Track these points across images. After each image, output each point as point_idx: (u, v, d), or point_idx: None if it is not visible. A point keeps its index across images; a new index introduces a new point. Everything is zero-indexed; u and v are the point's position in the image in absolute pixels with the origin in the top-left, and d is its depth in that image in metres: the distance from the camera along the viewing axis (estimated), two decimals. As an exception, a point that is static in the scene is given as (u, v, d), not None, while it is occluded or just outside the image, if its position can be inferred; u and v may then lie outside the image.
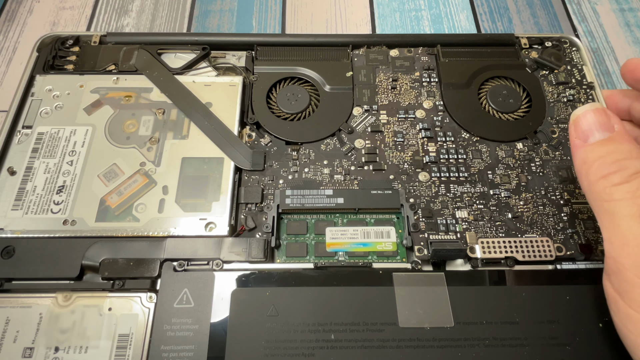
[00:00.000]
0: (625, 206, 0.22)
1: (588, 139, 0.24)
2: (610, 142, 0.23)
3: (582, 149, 0.24)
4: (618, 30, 0.45)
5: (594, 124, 0.24)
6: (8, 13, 0.46)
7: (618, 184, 0.22)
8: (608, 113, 0.24)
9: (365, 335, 0.26)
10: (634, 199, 0.22)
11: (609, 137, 0.24)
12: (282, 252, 0.30)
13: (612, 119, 0.24)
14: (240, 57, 0.38)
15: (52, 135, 0.33)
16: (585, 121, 0.25)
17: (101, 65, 0.37)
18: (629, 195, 0.22)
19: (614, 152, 0.23)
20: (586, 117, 0.25)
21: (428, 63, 0.38)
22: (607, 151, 0.23)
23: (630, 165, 0.22)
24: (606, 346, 0.26)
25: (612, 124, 0.24)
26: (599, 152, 0.23)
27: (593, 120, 0.24)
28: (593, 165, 0.23)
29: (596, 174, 0.23)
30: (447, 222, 0.30)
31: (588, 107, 0.25)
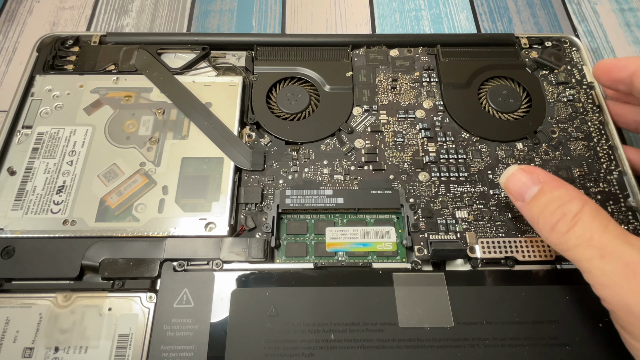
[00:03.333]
0: (583, 251, 0.22)
1: (524, 198, 0.25)
2: (542, 195, 0.24)
3: (525, 209, 0.25)
4: (618, 30, 0.45)
5: (523, 183, 0.25)
6: (8, 13, 0.46)
7: (567, 232, 0.23)
8: (530, 168, 0.25)
9: (365, 335, 0.26)
10: (586, 241, 0.22)
11: (538, 189, 0.24)
12: (282, 252, 0.30)
13: (536, 171, 0.25)
14: (240, 57, 0.38)
15: (52, 135, 0.33)
16: (514, 184, 0.26)
17: (101, 65, 0.37)
18: (581, 239, 0.22)
19: (550, 202, 0.24)
20: (513, 180, 0.26)
21: (428, 63, 0.38)
22: (543, 204, 0.24)
23: (567, 210, 0.23)
24: (606, 346, 0.26)
25: (537, 177, 0.25)
26: (537, 207, 0.24)
27: (521, 179, 0.25)
28: (539, 220, 0.24)
29: (545, 228, 0.24)
30: (447, 222, 0.30)
31: (511, 169, 0.26)
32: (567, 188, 0.24)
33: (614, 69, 0.30)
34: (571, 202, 0.23)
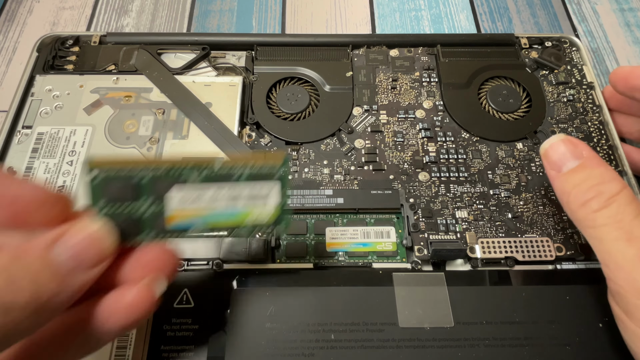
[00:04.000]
0: (610, 231, 0.22)
1: (561, 169, 0.25)
2: (581, 169, 0.24)
3: (558, 180, 0.25)
4: (618, 30, 0.45)
5: (563, 154, 0.25)
6: (8, 13, 0.46)
7: (597, 210, 0.23)
8: (575, 141, 0.25)
9: (365, 335, 0.26)
10: (616, 222, 0.22)
11: (579, 164, 0.24)
12: (282, 252, 0.30)
13: (580, 146, 0.25)
14: (240, 57, 0.38)
15: (52, 135, 0.33)
16: (555, 152, 0.25)
17: (101, 65, 0.37)
18: (610, 220, 0.22)
19: (588, 179, 0.23)
20: (555, 149, 0.25)
21: (428, 63, 0.38)
22: (580, 179, 0.24)
23: (605, 190, 0.23)
24: (606, 346, 0.26)
25: (581, 151, 0.24)
26: (573, 181, 0.24)
27: (562, 150, 0.25)
28: (571, 194, 0.24)
29: (575, 202, 0.23)
30: (447, 222, 0.30)
31: (555, 139, 0.26)
32: (609, 168, 0.24)
33: (631, 76, 0.30)
34: (611, 182, 0.23)
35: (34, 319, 0.15)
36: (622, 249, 0.22)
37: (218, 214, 0.19)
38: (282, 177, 0.20)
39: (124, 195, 0.18)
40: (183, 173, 0.18)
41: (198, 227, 0.19)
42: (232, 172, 0.19)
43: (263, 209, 0.19)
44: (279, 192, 0.20)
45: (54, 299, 0.15)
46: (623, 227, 0.22)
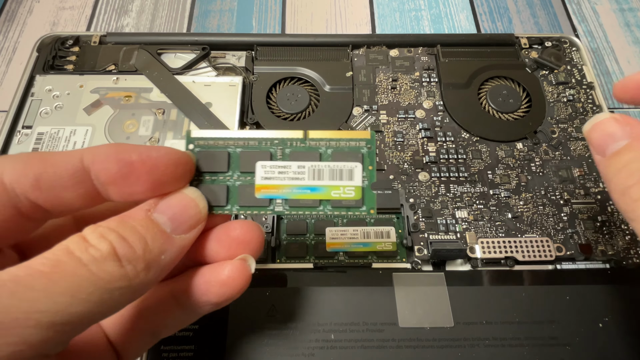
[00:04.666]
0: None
1: (605, 153, 0.21)
2: (627, 151, 0.20)
3: (602, 165, 0.21)
4: (618, 30, 0.45)
5: (608, 134, 0.21)
6: (8, 13, 0.46)
7: (637, 200, 0.19)
8: (620, 119, 0.21)
9: (365, 335, 0.26)
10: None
11: (625, 144, 0.20)
12: (282, 252, 0.30)
13: (631, 123, 0.21)
14: (240, 57, 0.38)
15: (52, 135, 0.33)
16: (598, 133, 0.22)
17: (101, 65, 0.37)
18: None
19: (632, 162, 0.20)
20: (598, 128, 0.22)
21: (428, 63, 0.38)
22: (623, 162, 0.20)
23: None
24: (606, 346, 0.26)
25: (628, 130, 0.21)
26: (615, 165, 0.20)
27: (607, 129, 0.21)
28: (612, 181, 0.20)
29: (616, 191, 0.20)
30: (447, 222, 0.30)
31: (600, 117, 0.22)
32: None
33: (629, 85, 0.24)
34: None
35: (144, 275, 0.16)
36: None
37: (303, 188, 0.19)
38: (368, 155, 0.19)
39: (214, 166, 0.19)
40: (270, 148, 0.19)
41: (283, 199, 0.19)
42: (318, 148, 0.19)
43: (348, 185, 0.19)
44: (361, 171, 0.19)
45: (161, 258, 0.16)
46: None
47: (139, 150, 0.17)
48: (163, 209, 0.17)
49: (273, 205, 0.19)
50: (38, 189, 0.16)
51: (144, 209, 0.17)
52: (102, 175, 0.16)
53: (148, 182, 0.17)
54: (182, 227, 0.17)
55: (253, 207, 0.19)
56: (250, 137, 0.19)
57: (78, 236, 0.15)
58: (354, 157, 0.19)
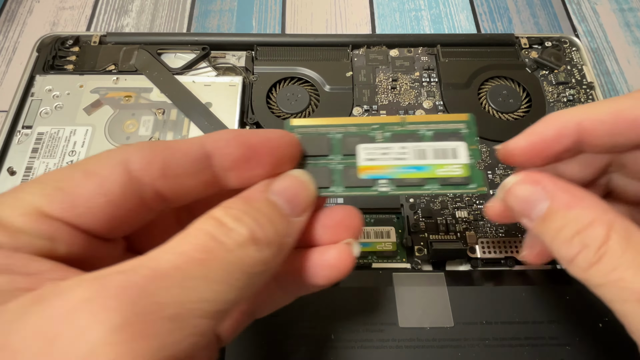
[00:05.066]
0: (614, 292, 0.16)
1: (531, 217, 0.18)
2: (552, 215, 0.17)
3: (534, 230, 0.18)
4: (618, 30, 0.45)
5: (525, 198, 0.18)
6: (8, 13, 0.46)
7: (588, 269, 0.17)
8: (534, 176, 0.18)
9: (365, 335, 0.26)
10: (615, 282, 0.16)
11: (547, 208, 0.17)
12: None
13: (542, 180, 0.18)
14: (240, 57, 0.38)
15: (52, 135, 0.33)
16: (515, 199, 0.19)
17: (101, 65, 0.37)
18: (607, 279, 0.16)
19: (563, 229, 0.17)
20: (514, 193, 0.19)
21: (428, 63, 0.38)
22: (554, 229, 0.17)
23: (589, 239, 0.16)
24: (606, 346, 0.26)
25: (542, 191, 0.18)
26: (548, 232, 0.18)
27: (522, 193, 0.18)
28: (553, 249, 0.18)
29: (563, 258, 0.18)
30: (447, 222, 0.30)
31: (511, 181, 0.19)
32: (585, 204, 0.17)
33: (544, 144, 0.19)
34: (592, 227, 0.17)
35: (277, 258, 0.16)
36: (636, 311, 0.16)
37: (407, 167, 0.19)
38: (469, 136, 0.19)
39: (318, 150, 0.19)
40: (370, 131, 0.19)
41: (388, 177, 0.19)
42: (418, 130, 0.19)
43: (454, 163, 0.19)
44: (466, 149, 0.19)
45: (287, 239, 0.16)
46: (627, 286, 0.16)
47: (258, 133, 0.17)
48: (279, 191, 0.17)
49: (377, 185, 0.19)
50: (164, 177, 0.16)
51: (261, 190, 0.17)
52: (225, 161, 0.16)
53: (268, 164, 0.17)
54: (297, 209, 0.17)
55: (357, 187, 0.19)
56: (349, 124, 0.19)
57: (213, 219, 0.15)
58: (456, 137, 0.19)
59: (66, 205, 0.14)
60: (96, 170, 0.15)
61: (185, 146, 0.16)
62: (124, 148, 0.16)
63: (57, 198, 0.14)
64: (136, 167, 0.15)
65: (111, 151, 0.16)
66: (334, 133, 0.19)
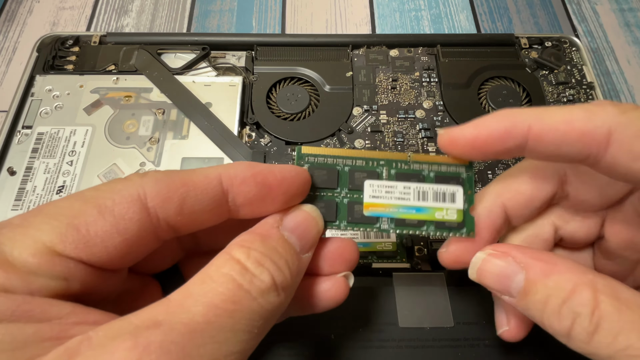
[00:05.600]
0: None
1: (512, 294, 0.17)
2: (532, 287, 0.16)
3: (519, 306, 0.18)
4: (618, 30, 0.45)
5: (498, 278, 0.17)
6: (8, 13, 0.46)
7: (589, 342, 0.15)
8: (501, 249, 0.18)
9: (365, 335, 0.26)
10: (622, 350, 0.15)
11: (524, 280, 0.17)
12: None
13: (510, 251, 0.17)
14: (240, 57, 0.38)
15: (52, 136, 0.33)
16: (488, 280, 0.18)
17: (101, 66, 0.37)
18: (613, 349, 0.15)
19: (549, 299, 0.16)
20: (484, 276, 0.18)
21: (428, 63, 0.38)
22: (540, 302, 0.16)
23: (580, 308, 0.15)
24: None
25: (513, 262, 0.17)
26: (534, 307, 0.17)
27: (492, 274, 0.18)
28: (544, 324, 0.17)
29: (559, 334, 0.17)
30: (447, 222, 0.30)
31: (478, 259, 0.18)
32: (561, 268, 0.16)
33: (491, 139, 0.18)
34: (577, 292, 0.15)
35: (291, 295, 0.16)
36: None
37: (408, 208, 0.20)
38: (467, 181, 0.20)
39: (326, 182, 0.19)
40: (377, 167, 0.20)
41: (390, 217, 0.20)
42: (421, 170, 0.20)
43: (450, 208, 0.20)
44: (462, 195, 0.20)
45: (299, 277, 0.17)
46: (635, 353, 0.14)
47: (274, 172, 0.17)
48: (292, 228, 0.17)
49: (380, 223, 0.19)
50: (181, 214, 0.16)
51: (275, 226, 0.17)
52: (241, 198, 0.17)
53: (282, 202, 0.17)
54: (307, 246, 0.18)
55: (361, 223, 0.19)
56: (358, 157, 0.20)
57: (236, 263, 0.15)
58: (456, 180, 0.20)
59: (81, 244, 0.14)
60: (112, 207, 0.15)
61: (203, 182, 0.16)
62: (140, 181, 0.15)
63: (70, 237, 0.14)
64: (153, 204, 0.15)
65: (127, 184, 0.15)
66: (342, 165, 0.20)
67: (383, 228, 0.20)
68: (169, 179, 0.16)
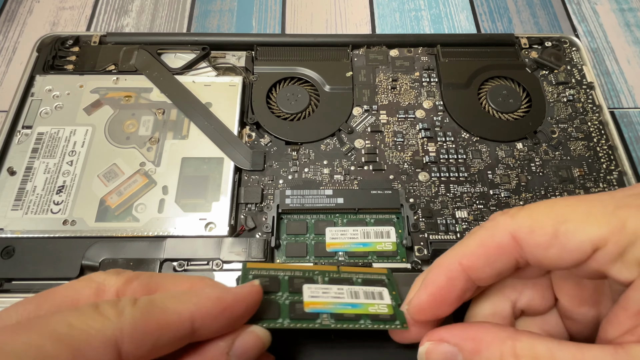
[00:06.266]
0: None
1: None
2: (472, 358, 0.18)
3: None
4: (618, 30, 0.45)
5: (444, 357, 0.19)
6: (8, 13, 0.46)
7: None
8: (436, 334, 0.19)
9: (365, 335, 0.26)
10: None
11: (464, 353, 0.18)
12: (281, 252, 0.30)
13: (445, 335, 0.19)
14: (240, 57, 0.38)
15: (52, 136, 0.33)
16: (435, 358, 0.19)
17: (101, 66, 0.37)
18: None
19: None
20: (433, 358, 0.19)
21: (428, 63, 0.38)
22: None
23: None
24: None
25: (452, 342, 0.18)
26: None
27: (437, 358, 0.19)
28: None
29: None
30: (447, 222, 0.30)
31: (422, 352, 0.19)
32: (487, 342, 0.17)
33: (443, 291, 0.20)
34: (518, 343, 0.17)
35: None
36: None
37: (344, 304, 0.22)
38: (390, 284, 0.24)
39: (268, 287, 0.22)
40: (313, 275, 0.24)
41: (329, 312, 0.22)
42: (350, 276, 0.24)
43: (381, 304, 0.23)
44: (389, 294, 0.23)
45: None
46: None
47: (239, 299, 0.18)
48: (240, 353, 0.19)
49: (321, 319, 0.21)
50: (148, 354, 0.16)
51: (225, 352, 0.18)
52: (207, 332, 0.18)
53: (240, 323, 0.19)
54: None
55: (303, 320, 0.21)
56: (295, 269, 0.23)
57: None
58: (380, 283, 0.24)
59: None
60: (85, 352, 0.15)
61: (176, 324, 0.17)
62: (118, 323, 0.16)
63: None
64: (127, 349, 0.15)
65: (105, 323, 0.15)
66: (282, 275, 0.23)
67: (324, 324, 0.21)
68: (146, 318, 0.16)
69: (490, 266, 0.19)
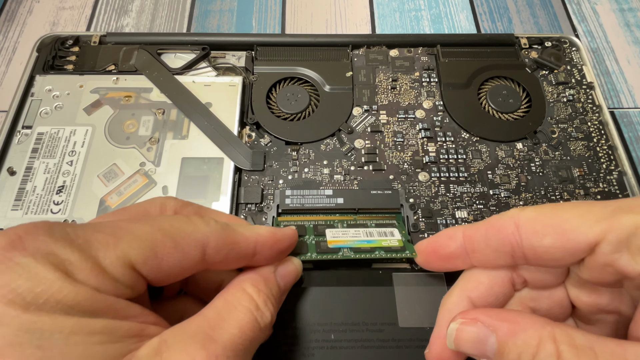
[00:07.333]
0: None
1: (488, 356, 0.18)
2: (506, 349, 0.18)
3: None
4: (618, 30, 0.45)
5: (473, 343, 0.19)
6: (8, 13, 0.46)
7: None
8: (467, 320, 0.19)
9: (365, 335, 0.26)
10: None
11: (497, 343, 0.18)
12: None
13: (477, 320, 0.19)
14: (240, 57, 0.38)
15: (52, 136, 0.33)
16: (466, 347, 0.19)
17: (101, 65, 0.37)
18: None
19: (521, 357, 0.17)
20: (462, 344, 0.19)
21: (428, 63, 0.38)
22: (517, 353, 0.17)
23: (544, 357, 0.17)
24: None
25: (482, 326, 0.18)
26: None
27: (468, 341, 0.19)
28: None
29: None
30: (447, 222, 0.30)
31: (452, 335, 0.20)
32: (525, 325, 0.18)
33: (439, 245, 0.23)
34: (542, 346, 0.17)
35: None
36: None
37: (360, 241, 0.27)
38: (399, 226, 0.29)
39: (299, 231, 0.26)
40: (333, 223, 0.29)
41: (348, 247, 0.26)
42: (365, 222, 0.29)
43: (392, 239, 0.27)
44: (399, 232, 0.28)
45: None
46: None
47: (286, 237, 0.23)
48: (284, 275, 0.23)
49: (342, 251, 0.26)
50: (222, 262, 0.20)
51: (272, 271, 0.23)
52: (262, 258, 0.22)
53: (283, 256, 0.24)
54: (288, 287, 0.24)
55: (327, 253, 0.26)
56: (319, 220, 0.30)
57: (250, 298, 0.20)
58: (391, 226, 0.29)
59: (154, 269, 0.18)
60: (183, 246, 0.18)
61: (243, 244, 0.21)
62: (205, 230, 0.19)
63: (150, 261, 0.17)
64: (210, 252, 0.19)
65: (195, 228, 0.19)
66: (308, 224, 0.29)
67: (345, 255, 0.26)
68: (225, 234, 0.20)
69: (486, 242, 0.21)
